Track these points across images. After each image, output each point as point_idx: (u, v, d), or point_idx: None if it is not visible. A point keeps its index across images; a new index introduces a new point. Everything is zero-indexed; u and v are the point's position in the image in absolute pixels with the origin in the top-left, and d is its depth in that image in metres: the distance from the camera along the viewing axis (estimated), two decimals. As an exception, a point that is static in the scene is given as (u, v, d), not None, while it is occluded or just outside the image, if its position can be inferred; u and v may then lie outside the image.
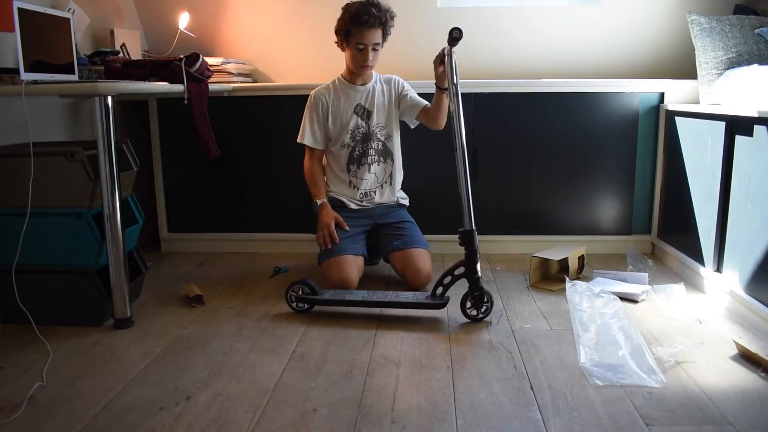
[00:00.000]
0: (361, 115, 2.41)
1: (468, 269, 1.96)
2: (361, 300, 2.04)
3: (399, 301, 2.02)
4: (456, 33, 1.93)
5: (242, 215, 2.89)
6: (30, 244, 1.92)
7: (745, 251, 1.95)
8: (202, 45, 3.07)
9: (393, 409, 1.45)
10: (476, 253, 1.96)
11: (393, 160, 2.47)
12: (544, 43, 2.98)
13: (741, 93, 2.15)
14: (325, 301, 2.06)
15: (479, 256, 1.98)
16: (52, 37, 1.96)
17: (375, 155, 2.43)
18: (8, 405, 1.49)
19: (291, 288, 2.08)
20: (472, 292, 1.96)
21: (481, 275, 1.97)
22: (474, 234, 1.97)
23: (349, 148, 2.41)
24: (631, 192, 2.74)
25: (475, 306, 1.97)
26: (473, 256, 1.96)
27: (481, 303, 1.97)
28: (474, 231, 1.97)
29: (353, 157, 2.42)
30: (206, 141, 2.40)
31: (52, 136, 2.34)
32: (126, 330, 1.97)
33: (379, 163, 2.44)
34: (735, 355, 1.71)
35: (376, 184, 2.46)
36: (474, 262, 1.96)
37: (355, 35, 2.24)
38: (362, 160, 2.42)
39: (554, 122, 2.70)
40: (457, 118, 1.99)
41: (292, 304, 2.08)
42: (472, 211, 1.99)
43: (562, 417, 1.41)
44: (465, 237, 1.96)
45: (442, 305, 1.99)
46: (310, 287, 2.05)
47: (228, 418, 1.42)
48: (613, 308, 1.99)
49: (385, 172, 2.47)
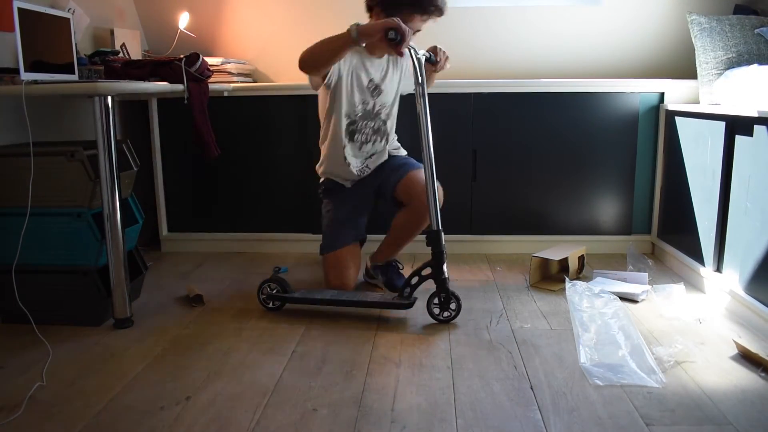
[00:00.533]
0: (372, 92, 2.22)
1: (435, 270, 1.96)
2: (330, 299, 2.05)
3: (366, 300, 2.03)
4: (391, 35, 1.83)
5: (242, 215, 2.89)
6: (30, 244, 1.92)
7: (745, 251, 1.95)
8: (202, 45, 3.07)
9: (393, 409, 1.45)
10: (442, 253, 1.95)
11: (387, 140, 2.31)
12: (544, 43, 2.98)
13: (741, 93, 2.15)
14: (295, 299, 2.07)
15: (446, 257, 1.96)
16: (52, 37, 1.96)
17: (370, 133, 2.26)
18: (8, 405, 1.49)
19: (262, 286, 2.10)
20: (439, 293, 1.96)
21: (448, 276, 1.96)
22: (440, 234, 1.95)
23: (349, 119, 2.20)
24: (631, 192, 2.74)
25: (441, 307, 1.97)
26: (440, 257, 1.95)
27: (448, 304, 1.96)
28: (440, 231, 1.95)
29: (348, 131, 2.22)
30: (206, 141, 2.40)
31: (52, 136, 2.34)
32: (126, 330, 1.97)
33: (374, 143, 2.28)
34: (735, 355, 1.71)
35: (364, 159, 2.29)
36: (441, 263, 1.95)
37: (407, 16, 1.99)
38: (355, 137, 2.23)
39: (554, 122, 2.70)
40: (423, 119, 1.97)
41: (263, 302, 2.10)
42: (438, 212, 1.97)
43: (562, 417, 1.41)
44: (431, 237, 1.95)
45: (408, 305, 1.99)
46: (281, 285, 2.07)
47: (228, 418, 1.42)
48: (613, 308, 1.99)
49: (376, 149, 2.30)
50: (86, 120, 2.55)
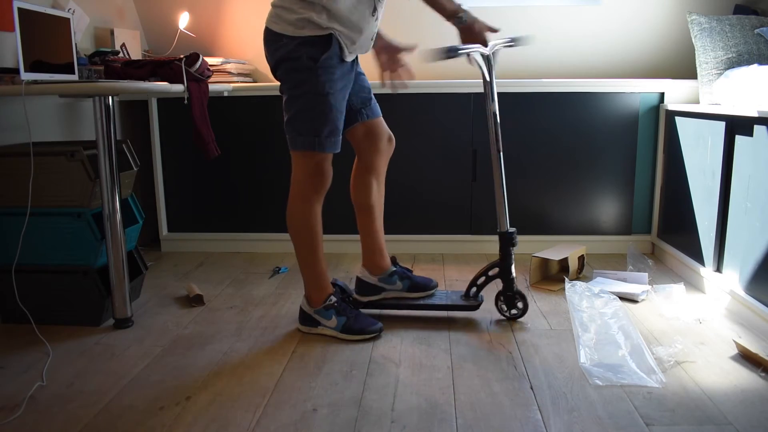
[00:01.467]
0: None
1: (503, 270, 1.95)
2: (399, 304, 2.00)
3: (434, 303, 1.99)
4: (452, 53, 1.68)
5: (242, 215, 2.89)
6: (30, 244, 1.93)
7: (745, 251, 1.95)
8: (202, 45, 3.07)
9: (393, 409, 1.45)
10: (512, 255, 1.93)
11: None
12: (544, 43, 2.98)
13: (741, 93, 2.15)
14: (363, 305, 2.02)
15: (513, 258, 1.95)
16: (52, 37, 1.96)
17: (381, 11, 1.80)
18: (8, 405, 1.49)
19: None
20: (505, 292, 1.97)
21: (515, 276, 1.96)
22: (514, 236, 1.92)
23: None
24: (631, 192, 2.74)
25: (507, 305, 1.98)
26: (509, 258, 1.94)
27: (515, 303, 1.98)
28: (514, 233, 1.92)
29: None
30: (206, 141, 2.40)
31: (52, 136, 2.34)
32: (126, 330, 1.97)
33: (377, 20, 1.81)
34: (735, 355, 1.71)
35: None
36: (509, 264, 1.94)
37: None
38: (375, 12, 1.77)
39: (554, 122, 2.70)
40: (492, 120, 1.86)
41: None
42: (507, 213, 1.94)
43: (562, 417, 1.41)
44: (504, 239, 1.92)
45: (476, 307, 1.99)
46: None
47: (228, 418, 1.42)
48: (613, 308, 1.99)
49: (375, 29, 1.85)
50: (86, 120, 2.55)
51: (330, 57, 1.70)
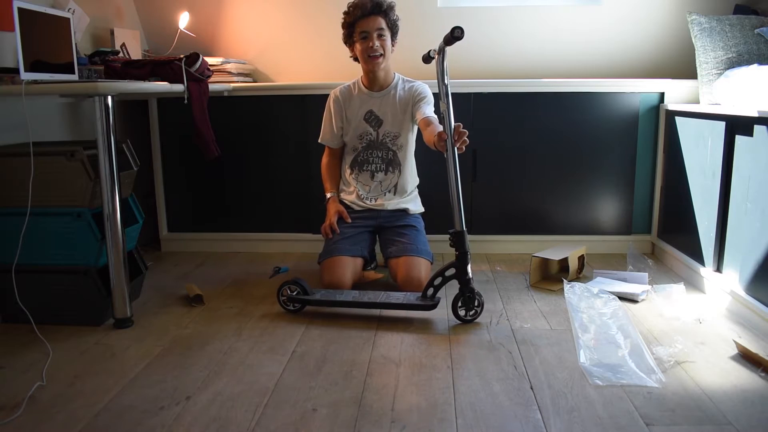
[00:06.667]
0: (371, 122, 2.39)
1: (459, 270, 1.96)
2: (351, 300, 2.03)
3: (390, 302, 2.00)
4: (458, 32, 1.82)
5: (242, 215, 2.89)
6: (30, 244, 1.92)
7: (745, 251, 1.95)
8: (202, 45, 3.07)
9: (393, 408, 1.45)
10: (467, 254, 1.95)
11: (401, 171, 2.42)
12: (544, 43, 2.98)
13: (741, 93, 2.15)
14: (316, 302, 2.05)
15: (470, 257, 1.96)
16: (52, 37, 1.96)
17: (380, 163, 2.41)
18: (8, 405, 1.49)
19: (282, 288, 2.08)
20: (463, 293, 1.96)
21: (471, 276, 1.96)
22: (464, 235, 1.95)
23: (355, 152, 2.42)
24: (631, 192, 2.74)
25: (465, 307, 1.97)
26: (464, 258, 1.95)
27: (472, 304, 1.96)
28: (464, 232, 1.95)
29: (356, 161, 2.42)
30: (206, 141, 2.40)
31: (52, 136, 2.34)
32: (126, 330, 1.97)
33: (386, 173, 2.41)
34: (735, 355, 1.71)
35: (379, 191, 2.43)
36: (465, 264, 1.95)
37: (357, 26, 2.25)
38: (364, 166, 2.41)
39: (554, 122, 2.70)
40: (447, 119, 1.93)
41: (284, 304, 2.08)
42: (462, 212, 1.96)
43: (562, 417, 1.41)
44: (456, 238, 1.95)
45: (432, 306, 1.98)
46: (301, 287, 2.05)
47: (228, 418, 1.42)
48: (612, 308, 1.99)
49: (390, 182, 2.42)
50: (86, 120, 2.55)
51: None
